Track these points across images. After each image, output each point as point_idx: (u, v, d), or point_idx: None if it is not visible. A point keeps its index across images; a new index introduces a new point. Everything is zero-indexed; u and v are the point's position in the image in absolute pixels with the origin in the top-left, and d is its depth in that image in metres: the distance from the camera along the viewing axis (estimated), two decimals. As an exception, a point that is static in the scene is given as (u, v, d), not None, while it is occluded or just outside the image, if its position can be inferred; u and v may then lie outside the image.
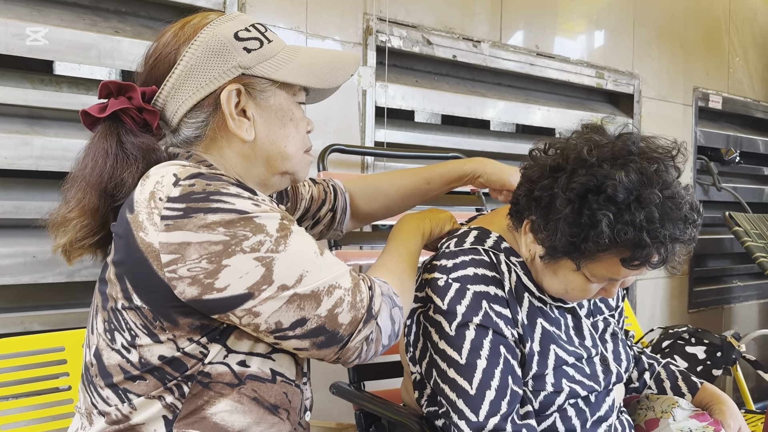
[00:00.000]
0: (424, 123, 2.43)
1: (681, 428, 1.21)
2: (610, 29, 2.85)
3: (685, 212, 0.97)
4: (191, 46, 0.93)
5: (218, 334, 0.89)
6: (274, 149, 0.98)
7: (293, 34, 1.89)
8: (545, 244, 1.03)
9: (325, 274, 0.89)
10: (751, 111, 3.56)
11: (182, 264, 0.83)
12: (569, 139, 1.06)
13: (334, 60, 1.04)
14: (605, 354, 1.19)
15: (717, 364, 2.19)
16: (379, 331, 0.92)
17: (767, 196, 3.62)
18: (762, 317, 3.66)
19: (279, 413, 0.95)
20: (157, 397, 0.89)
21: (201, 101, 0.94)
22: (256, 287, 0.85)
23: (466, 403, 1.02)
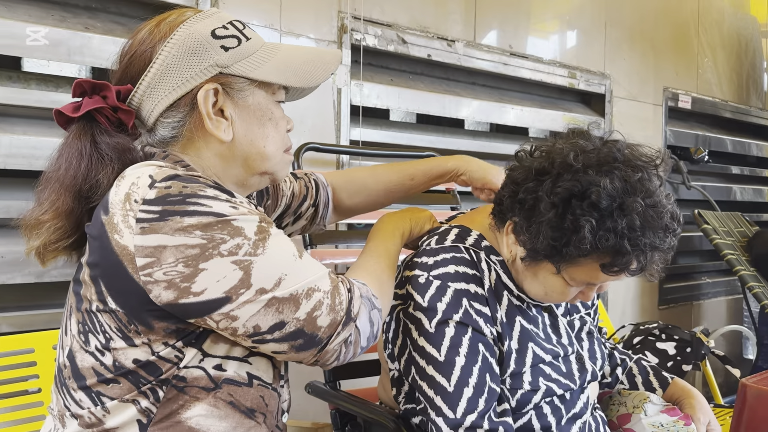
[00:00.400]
0: (399, 122, 2.44)
1: (652, 423, 1.23)
2: (582, 30, 2.89)
3: (666, 221, 0.98)
4: (167, 44, 0.91)
5: (194, 338, 0.87)
6: (253, 149, 0.96)
7: (267, 32, 1.88)
8: (527, 246, 1.04)
9: (304, 277, 0.88)
10: (719, 111, 3.62)
11: (158, 267, 0.82)
12: (556, 143, 1.06)
13: (314, 58, 1.02)
14: (581, 352, 1.20)
15: (687, 359, 2.23)
16: (358, 334, 0.92)
17: (735, 194, 3.69)
18: (730, 313, 3.73)
19: (255, 417, 0.94)
20: (131, 401, 0.87)
21: (177, 101, 0.92)
22: (234, 291, 0.83)
23: (444, 400, 1.03)
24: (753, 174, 3.91)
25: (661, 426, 1.23)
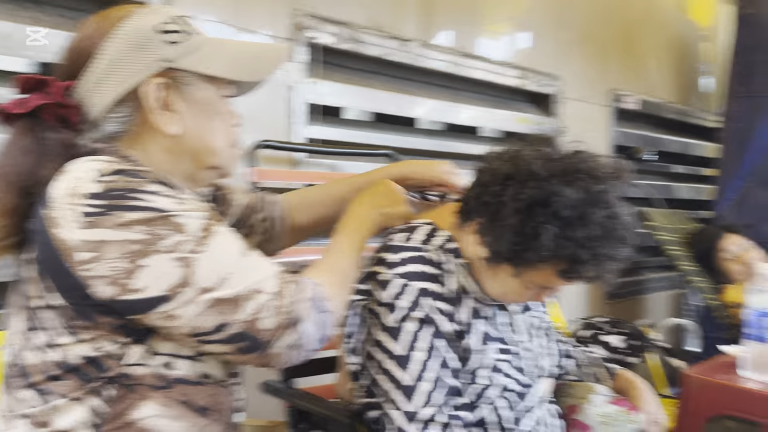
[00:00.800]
0: (355, 120, 2.44)
1: (599, 413, 1.27)
2: (533, 32, 2.93)
3: (622, 233, 1.01)
4: (112, 39, 0.90)
5: (141, 335, 0.86)
6: (201, 144, 0.96)
7: (221, 28, 1.86)
8: (489, 248, 1.06)
9: (249, 278, 0.86)
10: (662, 112, 3.72)
11: (99, 263, 0.80)
12: (524, 149, 1.08)
13: (261, 52, 1.02)
14: (536, 349, 1.24)
15: (632, 351, 2.30)
16: (305, 337, 0.89)
17: (677, 192, 3.82)
18: (673, 307, 3.83)
19: (209, 415, 0.94)
20: (79, 399, 0.86)
21: (123, 95, 0.90)
22: (174, 289, 0.82)
23: (401, 393, 1.04)
24: (694, 173, 4.02)
25: (608, 416, 1.27)
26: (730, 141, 3.31)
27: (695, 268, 2.91)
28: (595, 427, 1.27)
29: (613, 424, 1.26)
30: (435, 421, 1.04)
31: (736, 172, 3.27)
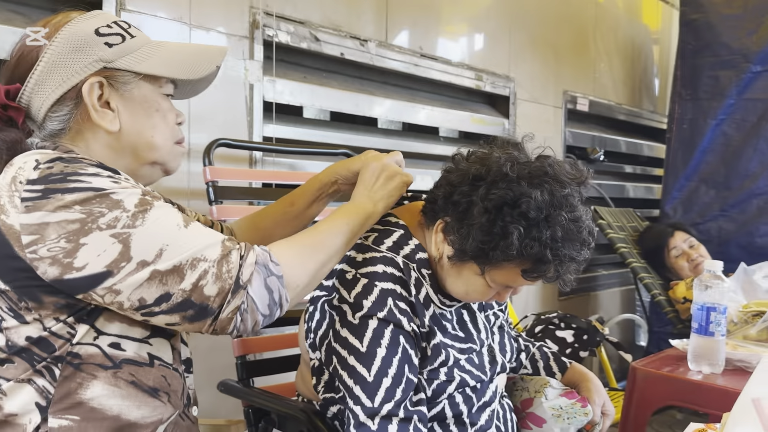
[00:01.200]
0: (313, 119, 2.44)
1: (552, 406, 1.31)
2: (489, 33, 2.98)
3: (584, 236, 1.05)
4: (52, 43, 0.95)
5: (85, 315, 0.89)
6: (141, 139, 1.00)
7: (176, 25, 1.84)
8: (455, 246, 1.08)
9: (188, 248, 0.88)
10: (614, 113, 3.82)
11: (42, 244, 0.84)
12: (493, 151, 1.11)
13: (199, 52, 1.07)
14: (492, 345, 1.27)
15: (584, 346, 2.36)
16: (253, 301, 0.90)
17: (628, 191, 3.91)
18: (623, 303, 3.93)
19: (159, 396, 0.97)
20: (26, 380, 0.88)
21: (64, 95, 0.95)
22: (115, 265, 0.85)
23: (362, 389, 1.06)
24: (644, 173, 4.13)
25: (560, 408, 1.31)
26: (676, 142, 3.42)
27: (644, 265, 3.00)
28: (548, 420, 1.31)
29: (564, 416, 1.30)
30: (395, 416, 1.05)
31: (681, 172, 3.38)
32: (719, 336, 1.56)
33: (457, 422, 1.17)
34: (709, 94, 3.31)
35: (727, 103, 3.25)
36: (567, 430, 1.31)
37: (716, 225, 3.25)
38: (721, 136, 3.27)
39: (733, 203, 3.21)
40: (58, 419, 0.89)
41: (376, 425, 1.04)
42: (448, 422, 1.17)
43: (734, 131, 3.23)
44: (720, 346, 1.57)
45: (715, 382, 1.53)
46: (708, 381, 1.54)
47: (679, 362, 1.68)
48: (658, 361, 1.72)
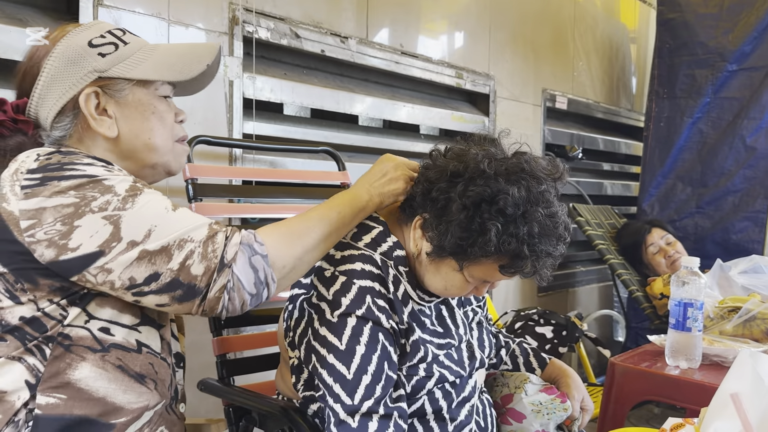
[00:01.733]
0: (294, 116, 2.43)
1: (532, 401, 1.32)
2: (469, 31, 2.99)
3: (560, 231, 1.07)
4: (50, 58, 1.01)
5: (78, 298, 0.94)
6: (139, 142, 1.05)
7: (154, 21, 1.82)
8: (434, 242, 1.09)
9: (176, 229, 0.93)
10: (592, 111, 3.85)
11: (39, 228, 0.89)
12: (470, 148, 1.12)
13: (189, 52, 1.10)
14: (471, 341, 1.27)
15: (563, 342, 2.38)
16: (238, 280, 0.93)
17: (606, 189, 3.95)
18: (601, 299, 3.97)
19: (146, 383, 1.01)
20: (17, 358, 0.93)
21: (64, 106, 1.01)
22: (106, 245, 0.90)
23: (342, 387, 1.06)
24: (622, 170, 4.17)
25: (540, 404, 1.32)
26: (653, 140, 3.46)
27: (621, 261, 3.03)
28: (528, 416, 1.32)
29: (544, 412, 1.31)
30: (375, 413, 1.05)
31: (658, 170, 3.42)
32: (696, 331, 1.58)
33: (437, 418, 1.18)
34: (685, 93, 3.36)
35: (703, 102, 3.29)
36: (547, 425, 1.32)
37: (692, 222, 3.30)
38: (698, 134, 3.32)
39: (709, 200, 3.26)
40: (45, 397, 0.93)
41: (357, 422, 1.04)
42: (428, 418, 1.17)
43: (710, 129, 3.28)
44: (697, 342, 1.60)
45: (692, 377, 1.55)
46: (685, 376, 1.56)
47: (656, 357, 1.70)
48: (636, 356, 1.74)
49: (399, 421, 1.07)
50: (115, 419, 0.97)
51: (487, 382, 1.41)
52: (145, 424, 1.01)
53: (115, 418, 0.97)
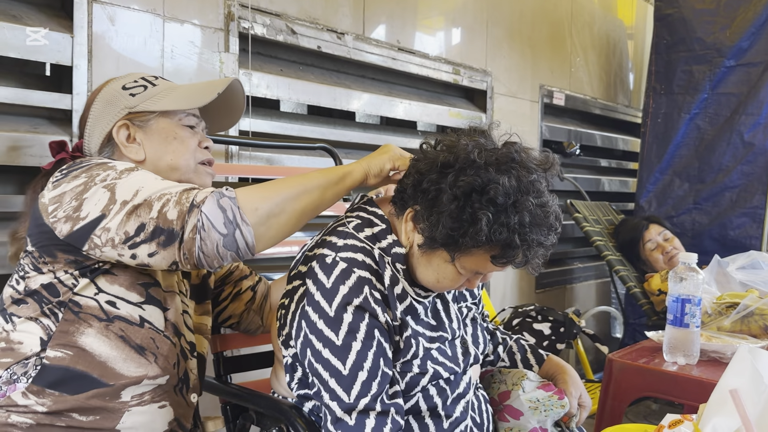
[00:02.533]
0: (290, 113, 2.42)
1: (529, 398, 1.32)
2: (466, 28, 2.98)
3: (551, 221, 1.07)
4: (95, 104, 1.24)
5: (89, 271, 1.09)
6: (162, 163, 1.21)
7: (149, 17, 1.81)
8: (425, 234, 1.09)
9: (159, 188, 1.05)
10: (589, 107, 3.85)
11: (60, 209, 1.06)
12: (460, 139, 1.11)
13: (206, 86, 1.27)
14: (465, 337, 1.27)
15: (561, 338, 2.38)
16: (207, 219, 1.01)
17: (603, 185, 3.96)
18: (599, 295, 3.97)
19: (146, 355, 1.12)
20: (35, 319, 1.09)
21: (104, 138, 1.22)
22: (106, 208, 1.04)
23: (338, 382, 1.05)
24: (620, 167, 4.17)
25: (537, 401, 1.31)
26: (650, 136, 3.46)
27: (619, 258, 3.03)
28: (525, 413, 1.32)
29: (542, 409, 1.31)
30: (372, 410, 1.05)
31: (656, 166, 3.42)
32: (694, 327, 1.58)
33: (432, 415, 1.18)
34: (683, 89, 3.35)
35: (700, 98, 3.29)
36: (544, 422, 1.32)
37: (690, 218, 3.30)
38: (695, 130, 3.32)
39: (706, 196, 3.26)
40: (54, 351, 1.08)
41: (354, 420, 1.04)
42: (423, 415, 1.17)
43: (708, 125, 3.28)
44: (695, 338, 1.59)
45: (690, 373, 1.55)
46: (683, 372, 1.56)
47: (654, 354, 1.70)
48: (634, 352, 1.74)
49: (396, 417, 1.07)
50: (114, 381, 1.09)
51: (484, 379, 1.40)
52: (147, 392, 1.13)
53: (114, 380, 1.09)
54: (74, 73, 1.66)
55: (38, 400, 1.06)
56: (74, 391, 1.07)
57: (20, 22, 1.57)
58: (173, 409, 1.17)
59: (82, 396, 1.07)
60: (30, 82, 1.70)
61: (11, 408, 1.06)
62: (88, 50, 1.68)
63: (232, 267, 1.48)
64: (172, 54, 1.86)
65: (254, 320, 1.48)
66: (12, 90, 1.59)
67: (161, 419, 1.15)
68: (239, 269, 1.49)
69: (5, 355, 1.09)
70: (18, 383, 1.07)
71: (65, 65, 1.66)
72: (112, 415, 1.09)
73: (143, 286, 1.14)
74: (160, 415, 1.15)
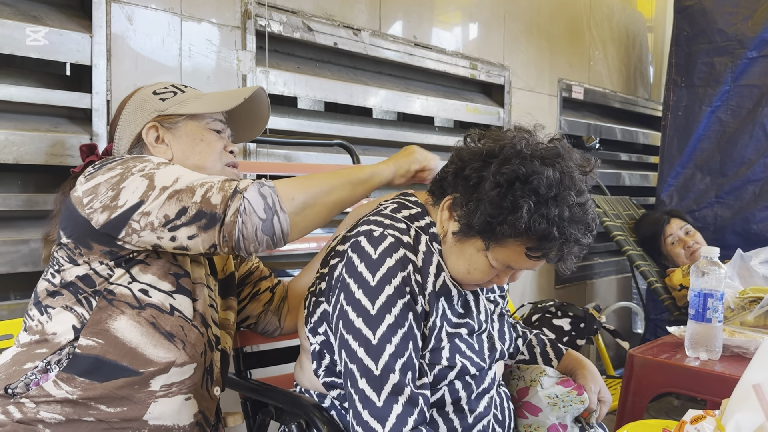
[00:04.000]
0: (307, 110, 2.43)
1: (548, 395, 1.31)
2: (483, 22, 2.97)
3: (589, 221, 1.07)
4: (126, 108, 1.30)
5: (123, 261, 1.13)
6: (189, 163, 1.25)
7: (166, 16, 1.82)
8: (462, 220, 1.10)
9: (200, 177, 1.12)
10: (609, 101, 3.81)
11: (96, 200, 1.10)
12: (506, 132, 1.14)
13: (232, 93, 1.32)
14: (492, 332, 1.26)
15: (581, 334, 2.37)
16: (249, 204, 1.08)
17: (623, 179, 3.92)
18: (620, 290, 3.94)
19: (175, 342, 1.16)
20: (69, 308, 1.13)
21: (133, 140, 1.27)
22: (145, 195, 1.08)
23: (366, 352, 1.06)
24: (640, 161, 4.13)
25: (556, 397, 1.31)
26: (671, 129, 3.42)
27: (640, 253, 3.00)
28: (544, 409, 1.31)
29: (561, 405, 1.30)
30: (401, 394, 1.05)
31: (677, 160, 3.37)
32: (716, 322, 1.56)
33: (456, 409, 1.17)
34: (704, 81, 3.30)
35: (722, 90, 3.24)
36: (563, 418, 1.31)
37: (712, 212, 3.26)
38: (717, 122, 3.27)
39: (728, 190, 3.21)
40: (86, 339, 1.11)
41: (382, 402, 1.04)
42: (447, 410, 1.17)
43: (730, 118, 3.23)
44: (717, 333, 1.57)
45: (713, 368, 1.53)
46: (705, 367, 1.54)
47: (676, 349, 1.68)
48: (656, 348, 1.72)
49: (423, 409, 1.07)
50: (143, 369, 1.12)
51: (503, 376, 1.40)
52: (174, 383, 1.16)
53: (143, 368, 1.12)
54: (93, 72, 1.68)
55: (68, 388, 1.08)
56: (104, 379, 1.10)
57: (40, 23, 1.59)
58: (198, 402, 1.20)
59: (111, 384, 1.10)
60: (50, 82, 1.72)
61: (41, 401, 1.08)
62: (107, 49, 1.70)
63: (252, 267, 1.50)
64: (189, 52, 1.88)
65: (272, 322, 1.49)
66: (33, 90, 1.61)
67: (187, 411, 1.18)
68: (259, 269, 1.51)
69: (41, 346, 1.12)
70: (50, 372, 1.10)
71: (85, 65, 1.68)
72: (139, 405, 1.11)
73: (174, 276, 1.17)
74: (185, 406, 1.17)
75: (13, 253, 1.57)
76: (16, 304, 1.59)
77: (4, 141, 1.53)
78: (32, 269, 1.60)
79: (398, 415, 1.04)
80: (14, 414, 1.07)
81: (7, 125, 1.56)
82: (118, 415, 1.10)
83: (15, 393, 1.09)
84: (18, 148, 1.55)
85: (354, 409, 1.07)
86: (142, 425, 1.12)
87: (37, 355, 1.12)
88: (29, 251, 1.59)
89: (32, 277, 1.63)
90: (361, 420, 1.05)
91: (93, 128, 1.68)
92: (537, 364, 1.44)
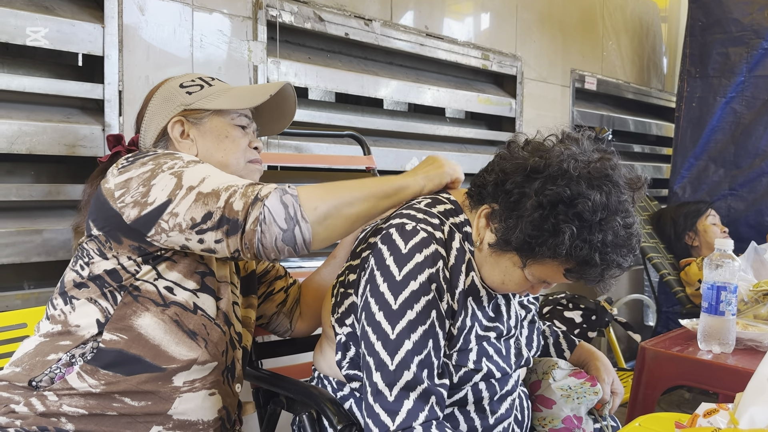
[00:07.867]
0: (318, 100, 2.42)
1: (561, 386, 1.30)
2: (495, 12, 2.94)
3: (633, 243, 1.04)
4: (153, 100, 1.29)
5: (151, 258, 1.12)
6: (213, 160, 1.24)
7: (178, 7, 1.82)
8: (499, 234, 1.07)
9: (226, 180, 1.10)
10: (622, 92, 3.78)
11: (128, 194, 1.10)
12: (554, 146, 1.09)
13: (259, 88, 1.31)
14: (520, 339, 1.25)
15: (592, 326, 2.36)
16: (269, 212, 1.05)
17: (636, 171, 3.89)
18: (631, 283, 3.91)
19: (197, 340, 1.16)
20: (94, 301, 1.12)
21: (159, 133, 1.27)
22: (173, 193, 1.07)
23: (384, 346, 1.05)
24: (653, 152, 4.10)
25: (569, 389, 1.30)
26: (685, 121, 3.39)
27: (653, 245, 2.98)
28: (558, 401, 1.31)
29: (574, 396, 1.30)
30: (413, 390, 1.04)
31: (690, 151, 3.35)
32: (730, 315, 1.55)
33: (478, 409, 1.17)
34: (718, 72, 3.27)
35: (737, 81, 3.20)
36: (578, 409, 1.31)
37: (725, 204, 3.23)
38: (731, 114, 3.23)
39: (742, 182, 3.18)
40: (110, 334, 1.11)
41: (393, 397, 1.03)
42: (469, 408, 1.16)
43: (744, 109, 3.19)
44: (730, 326, 1.56)
45: (726, 361, 1.52)
46: (718, 360, 1.53)
47: (688, 342, 1.67)
48: (668, 340, 1.71)
49: (435, 407, 1.06)
50: (166, 365, 1.12)
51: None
52: (197, 379, 1.16)
53: (166, 364, 1.12)
54: (105, 63, 1.68)
55: (92, 380, 1.08)
56: (128, 373, 1.10)
57: (52, 13, 1.60)
58: (221, 398, 1.20)
59: (134, 379, 1.10)
60: (63, 73, 1.73)
61: (64, 393, 1.08)
62: (119, 40, 1.70)
63: (269, 266, 1.49)
64: (201, 43, 1.88)
65: (283, 323, 1.49)
66: (46, 80, 1.61)
67: (211, 406, 1.18)
68: (275, 269, 1.50)
69: (64, 338, 1.12)
70: (75, 365, 1.10)
71: (97, 55, 1.68)
72: (164, 400, 1.12)
73: (200, 274, 1.17)
74: (210, 402, 1.18)
75: (27, 243, 1.58)
76: (30, 294, 1.60)
77: (17, 132, 1.54)
78: (45, 259, 1.61)
79: (409, 410, 1.03)
80: (37, 407, 1.07)
81: (20, 116, 1.57)
82: (143, 410, 1.10)
83: (39, 386, 1.09)
84: (31, 138, 1.56)
85: (366, 401, 1.06)
86: (167, 420, 1.12)
87: (61, 347, 1.11)
88: (42, 241, 1.60)
89: (45, 267, 1.64)
90: (372, 412, 1.05)
91: (105, 119, 1.69)
92: (549, 355, 1.44)
